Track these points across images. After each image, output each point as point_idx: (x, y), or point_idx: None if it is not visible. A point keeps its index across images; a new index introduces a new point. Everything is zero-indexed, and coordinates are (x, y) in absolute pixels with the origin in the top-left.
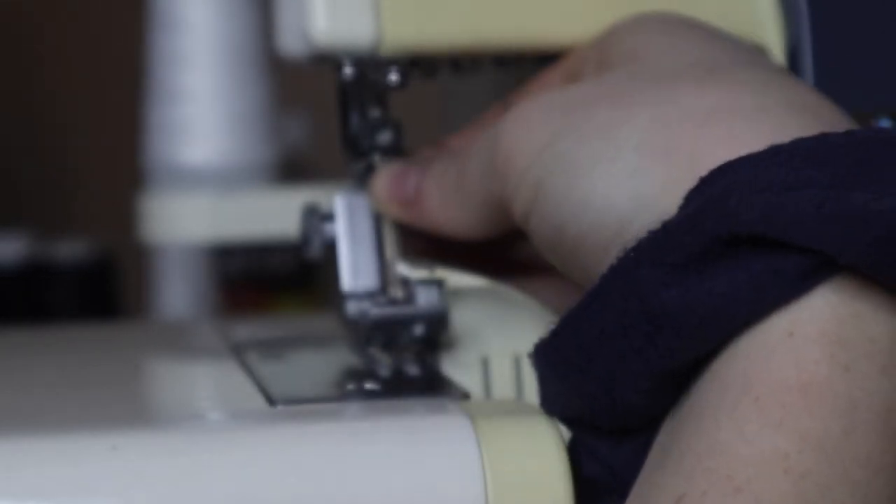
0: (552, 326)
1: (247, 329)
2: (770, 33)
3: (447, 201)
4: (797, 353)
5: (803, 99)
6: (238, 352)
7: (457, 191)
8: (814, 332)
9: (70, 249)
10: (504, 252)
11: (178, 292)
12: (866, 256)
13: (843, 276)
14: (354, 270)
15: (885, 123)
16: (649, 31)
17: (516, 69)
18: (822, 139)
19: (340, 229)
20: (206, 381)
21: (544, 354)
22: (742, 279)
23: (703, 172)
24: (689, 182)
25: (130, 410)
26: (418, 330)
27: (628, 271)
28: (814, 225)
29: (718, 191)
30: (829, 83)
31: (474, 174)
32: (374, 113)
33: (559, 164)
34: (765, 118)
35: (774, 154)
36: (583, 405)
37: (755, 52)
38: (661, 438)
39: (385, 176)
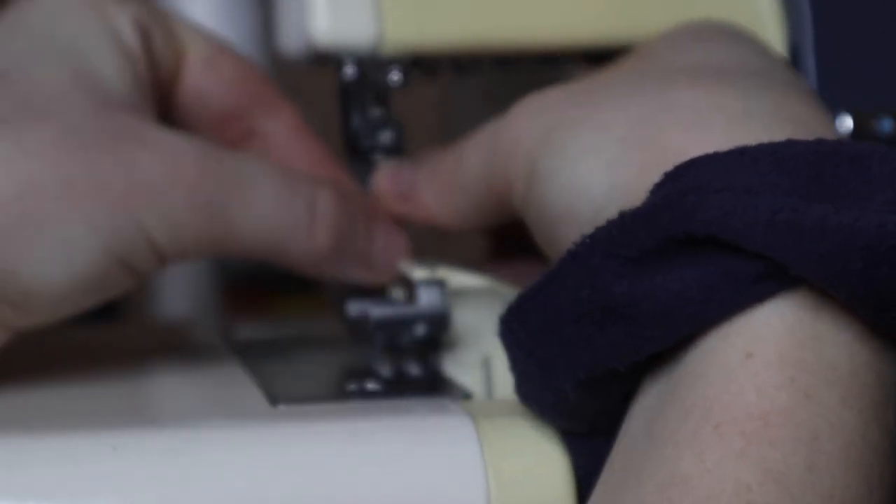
0: (510, 304)
1: (248, 329)
2: (771, 33)
3: (441, 192)
4: (757, 378)
5: (793, 111)
6: (239, 352)
7: (453, 181)
8: (773, 355)
9: None
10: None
11: (178, 292)
12: (817, 270)
13: (801, 292)
14: None
15: (885, 123)
16: (680, 35)
17: (516, 69)
18: (790, 145)
19: None
20: (207, 381)
21: (503, 334)
22: (693, 278)
23: (671, 167)
24: (657, 175)
25: (130, 410)
26: (420, 330)
27: (584, 258)
28: (767, 231)
29: (680, 187)
30: (830, 83)
31: (474, 162)
32: (375, 113)
33: (552, 149)
34: (745, 122)
35: (740, 154)
36: (534, 391)
37: (776, 65)
38: (617, 456)
39: (383, 172)
